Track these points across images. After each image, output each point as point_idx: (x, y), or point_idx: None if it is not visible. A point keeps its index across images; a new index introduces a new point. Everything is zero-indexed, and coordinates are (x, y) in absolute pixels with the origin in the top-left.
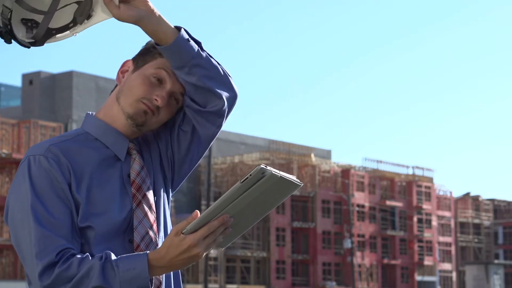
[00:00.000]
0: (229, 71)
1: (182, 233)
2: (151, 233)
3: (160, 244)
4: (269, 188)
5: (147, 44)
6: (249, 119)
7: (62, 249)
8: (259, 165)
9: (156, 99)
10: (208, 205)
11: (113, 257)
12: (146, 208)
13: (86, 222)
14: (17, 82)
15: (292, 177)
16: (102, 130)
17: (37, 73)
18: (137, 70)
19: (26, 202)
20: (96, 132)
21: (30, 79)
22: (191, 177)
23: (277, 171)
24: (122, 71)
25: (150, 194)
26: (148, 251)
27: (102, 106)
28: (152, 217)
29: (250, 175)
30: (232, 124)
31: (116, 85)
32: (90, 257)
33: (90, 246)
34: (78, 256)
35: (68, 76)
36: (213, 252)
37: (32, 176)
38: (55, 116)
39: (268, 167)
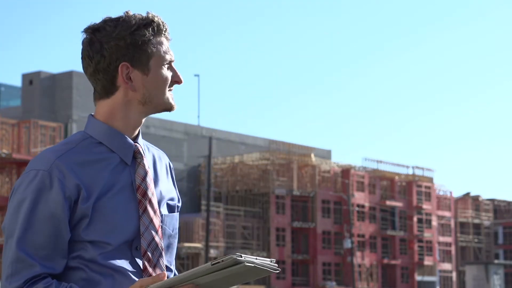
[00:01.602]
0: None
1: None
2: (157, 238)
3: (164, 249)
4: (242, 272)
5: (114, 39)
6: (249, 119)
7: (32, 276)
8: (234, 253)
9: (176, 81)
10: (208, 205)
11: None
12: (152, 214)
13: (94, 237)
14: (17, 82)
15: (269, 264)
16: (106, 133)
17: (37, 73)
18: (147, 70)
19: (15, 218)
20: (100, 136)
21: (30, 79)
22: (191, 177)
23: (252, 260)
24: (126, 76)
25: (155, 199)
26: None
27: (101, 110)
28: (157, 222)
29: (222, 261)
30: (232, 124)
31: (110, 91)
32: (55, 287)
33: (98, 257)
34: (43, 283)
35: (68, 76)
36: (213, 252)
37: (29, 193)
38: (55, 116)
39: (244, 256)
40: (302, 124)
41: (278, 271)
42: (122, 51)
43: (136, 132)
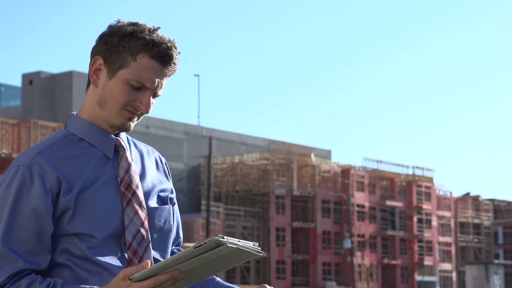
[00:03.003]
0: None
1: (129, 279)
2: (142, 230)
3: (156, 243)
4: (224, 255)
5: (110, 35)
6: (249, 119)
7: (16, 271)
8: (216, 235)
9: (139, 106)
10: (208, 205)
11: (62, 285)
12: (137, 206)
13: (79, 229)
14: (17, 82)
15: (252, 246)
16: (87, 129)
17: (37, 73)
18: (112, 75)
19: None
20: (81, 132)
21: (30, 79)
22: (191, 177)
23: (235, 242)
24: (94, 70)
25: (140, 192)
26: (95, 287)
27: (83, 105)
28: (143, 214)
29: (205, 243)
30: (232, 124)
31: (89, 82)
32: (38, 283)
33: (86, 252)
34: (27, 279)
35: (68, 76)
36: None
37: (11, 188)
38: (55, 116)
39: (226, 238)
40: (302, 124)
41: (261, 254)
42: (105, 47)
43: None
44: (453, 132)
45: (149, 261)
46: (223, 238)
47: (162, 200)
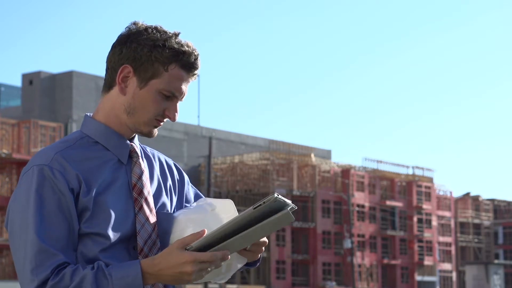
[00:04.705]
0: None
1: (187, 249)
2: (153, 236)
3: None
4: (277, 222)
5: (138, 42)
6: (249, 119)
7: (58, 264)
8: (274, 193)
9: (167, 114)
10: None
11: (105, 266)
12: (148, 212)
13: (95, 229)
14: (17, 82)
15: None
16: (102, 133)
17: (37, 73)
18: (143, 85)
19: (26, 213)
20: (97, 135)
21: (30, 79)
22: (191, 177)
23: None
24: (122, 78)
25: (151, 198)
26: (140, 259)
27: (100, 107)
28: (153, 220)
29: (264, 202)
30: (232, 124)
31: (110, 86)
32: (81, 268)
33: (98, 255)
34: (70, 267)
35: (68, 76)
36: None
37: (35, 187)
38: (55, 116)
39: (280, 196)
40: (302, 124)
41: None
42: (133, 55)
43: (134, 134)
44: (453, 132)
45: (205, 230)
46: (278, 196)
47: (167, 207)
